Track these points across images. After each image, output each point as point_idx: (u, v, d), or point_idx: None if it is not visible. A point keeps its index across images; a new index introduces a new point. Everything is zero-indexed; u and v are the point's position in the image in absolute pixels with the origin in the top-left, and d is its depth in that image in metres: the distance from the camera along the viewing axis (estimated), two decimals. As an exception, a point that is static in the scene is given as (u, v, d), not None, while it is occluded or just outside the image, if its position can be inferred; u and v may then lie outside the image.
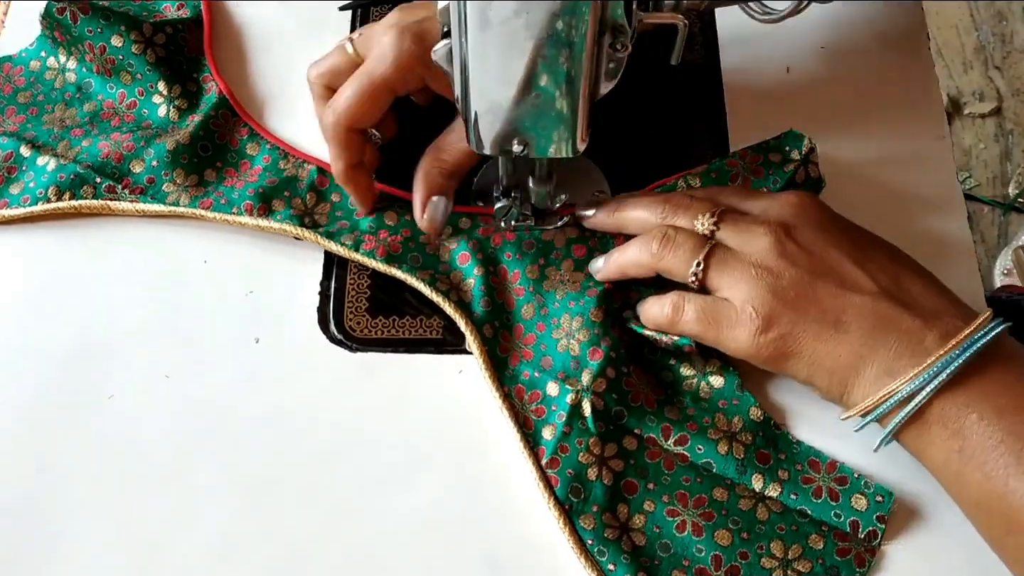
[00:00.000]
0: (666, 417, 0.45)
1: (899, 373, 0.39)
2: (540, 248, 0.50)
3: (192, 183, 0.52)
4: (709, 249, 0.43)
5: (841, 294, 0.41)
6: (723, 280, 0.43)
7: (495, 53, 0.39)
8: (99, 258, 0.52)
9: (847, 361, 0.41)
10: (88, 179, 0.51)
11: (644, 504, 0.44)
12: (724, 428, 0.45)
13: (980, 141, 1.41)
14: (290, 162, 0.53)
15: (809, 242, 0.43)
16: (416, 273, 0.48)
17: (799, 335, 0.41)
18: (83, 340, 0.49)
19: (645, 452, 0.45)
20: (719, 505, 0.44)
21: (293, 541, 0.44)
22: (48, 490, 0.45)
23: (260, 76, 0.58)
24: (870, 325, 0.40)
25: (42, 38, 0.57)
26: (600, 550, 0.42)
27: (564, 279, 0.49)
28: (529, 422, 0.46)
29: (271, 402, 0.47)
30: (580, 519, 0.43)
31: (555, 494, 0.43)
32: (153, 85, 0.55)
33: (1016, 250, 1.24)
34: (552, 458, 0.44)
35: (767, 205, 0.45)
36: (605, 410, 0.45)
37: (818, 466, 0.44)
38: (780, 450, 0.45)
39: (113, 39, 0.54)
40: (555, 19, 0.37)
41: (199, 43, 0.57)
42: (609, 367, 0.46)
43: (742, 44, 0.57)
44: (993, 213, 1.36)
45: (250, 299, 0.50)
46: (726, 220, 0.44)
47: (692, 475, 0.45)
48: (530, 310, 0.48)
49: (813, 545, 0.43)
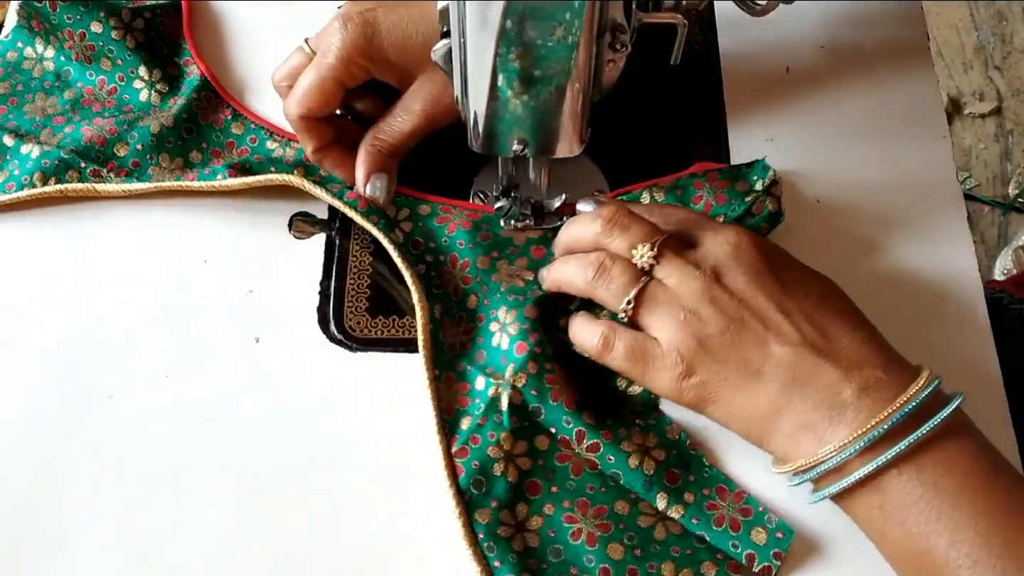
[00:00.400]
0: (583, 421, 0.45)
1: (816, 426, 0.40)
2: (496, 242, 0.50)
3: (178, 166, 0.52)
4: (641, 287, 0.43)
5: (763, 344, 0.41)
6: (652, 320, 0.43)
7: (495, 53, 0.39)
8: (100, 258, 0.52)
9: (764, 411, 0.41)
10: (73, 164, 0.52)
11: (544, 507, 0.44)
12: (639, 442, 0.45)
13: (980, 141, 1.41)
14: (276, 141, 0.54)
15: (740, 288, 0.42)
16: (391, 233, 0.49)
17: (719, 383, 0.41)
18: (83, 340, 0.49)
19: (556, 454, 0.45)
20: (618, 518, 0.43)
21: (292, 541, 0.44)
22: (48, 490, 0.45)
23: (240, 58, 0.58)
24: (790, 376, 0.40)
25: (18, 29, 0.57)
26: (490, 546, 0.42)
27: (513, 273, 0.49)
28: (451, 409, 0.46)
29: (271, 402, 0.47)
30: (476, 512, 0.43)
31: (457, 483, 0.44)
32: (134, 70, 0.55)
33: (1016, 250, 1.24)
34: (462, 447, 0.44)
35: (709, 240, 0.44)
36: (523, 405, 0.45)
37: (725, 494, 0.44)
38: (691, 472, 0.45)
39: (93, 25, 0.54)
40: (555, 19, 0.37)
41: (178, 27, 0.58)
42: (531, 362, 0.45)
43: (742, 43, 0.57)
44: (993, 213, 1.36)
45: (250, 299, 0.50)
46: (664, 255, 0.43)
47: (598, 484, 0.44)
48: (474, 300, 0.49)
49: (705, 572, 0.42)
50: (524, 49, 0.39)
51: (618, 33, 0.40)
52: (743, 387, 0.41)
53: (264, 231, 0.52)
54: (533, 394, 0.45)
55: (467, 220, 0.50)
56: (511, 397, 0.45)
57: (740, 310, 0.42)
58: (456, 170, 0.54)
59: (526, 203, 0.50)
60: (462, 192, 0.53)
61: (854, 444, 0.38)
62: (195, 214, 0.52)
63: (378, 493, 0.45)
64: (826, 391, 0.40)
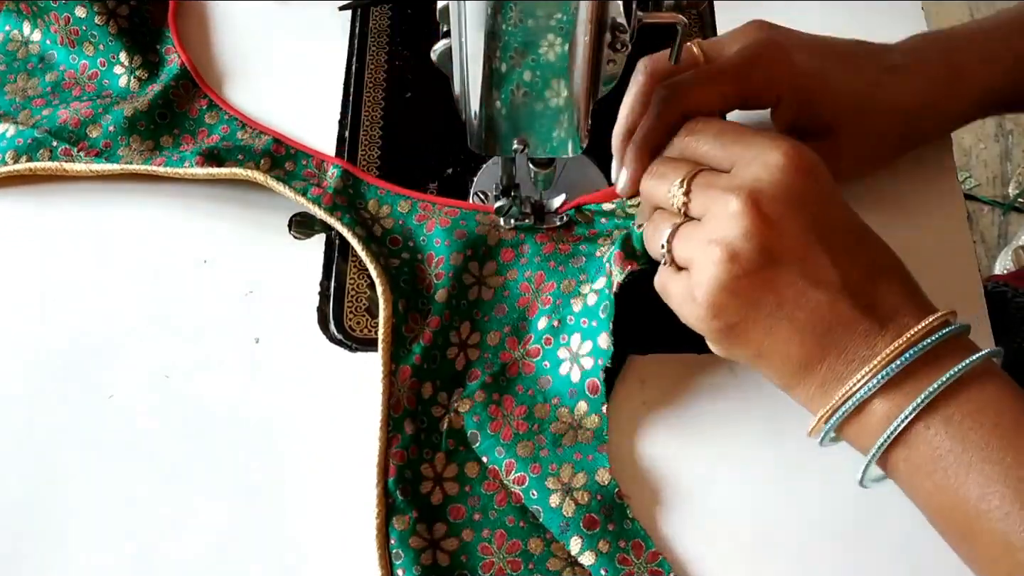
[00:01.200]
0: (516, 453, 0.44)
1: (847, 378, 0.38)
2: (470, 240, 0.50)
3: (148, 148, 0.53)
4: (675, 228, 0.41)
5: (802, 288, 0.38)
6: (684, 257, 0.40)
7: (494, 53, 0.39)
8: (100, 258, 0.52)
9: (796, 360, 0.39)
10: (45, 143, 0.52)
11: (463, 531, 0.44)
12: (565, 480, 0.44)
13: (980, 141, 1.41)
14: (247, 132, 0.54)
15: (781, 218, 0.38)
16: (355, 228, 0.49)
17: (748, 327, 0.39)
18: (83, 340, 0.49)
19: (483, 482, 0.45)
20: (529, 556, 0.43)
21: (292, 540, 0.44)
22: (48, 489, 0.45)
23: (222, 50, 0.58)
24: (826, 325, 0.38)
25: (6, 12, 0.58)
26: (398, 552, 0.42)
27: (483, 280, 0.49)
28: (399, 406, 0.46)
29: (271, 402, 0.47)
30: (395, 518, 0.43)
31: (385, 483, 0.44)
32: (115, 56, 0.56)
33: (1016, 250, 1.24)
34: (400, 451, 0.44)
35: (751, 161, 0.40)
36: (461, 430, 0.45)
37: (640, 551, 0.43)
38: (611, 520, 0.43)
39: (77, 10, 0.55)
40: (555, 19, 0.37)
41: (163, 15, 0.58)
42: (480, 390, 0.46)
43: (742, 44, 0.57)
44: (993, 213, 1.36)
45: (250, 299, 0.50)
46: (697, 184, 0.40)
47: (517, 518, 0.44)
48: (443, 295, 0.49)
49: None
50: (524, 49, 0.39)
51: (618, 33, 0.40)
52: (774, 331, 0.39)
53: (264, 231, 0.52)
54: (474, 420, 0.45)
55: (445, 218, 0.51)
56: (451, 421, 0.45)
57: (779, 244, 0.38)
58: (456, 170, 0.54)
59: (526, 203, 0.50)
60: (462, 192, 0.53)
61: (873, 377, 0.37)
62: (195, 214, 0.52)
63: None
64: (861, 342, 0.38)
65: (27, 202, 0.53)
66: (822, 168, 0.40)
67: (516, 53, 0.39)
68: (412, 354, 0.47)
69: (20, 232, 0.52)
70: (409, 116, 0.55)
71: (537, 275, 0.49)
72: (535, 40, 0.38)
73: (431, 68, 0.43)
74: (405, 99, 0.56)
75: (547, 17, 0.37)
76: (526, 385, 0.47)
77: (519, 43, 0.38)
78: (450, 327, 0.48)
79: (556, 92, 0.41)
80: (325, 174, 0.52)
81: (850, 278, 0.38)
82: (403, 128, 0.55)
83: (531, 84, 0.40)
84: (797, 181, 0.39)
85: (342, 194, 0.51)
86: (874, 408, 0.38)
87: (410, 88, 0.56)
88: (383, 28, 0.59)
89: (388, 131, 0.55)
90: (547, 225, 0.51)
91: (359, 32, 0.58)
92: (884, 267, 0.40)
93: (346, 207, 0.50)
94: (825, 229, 0.39)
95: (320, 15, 0.59)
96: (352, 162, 0.53)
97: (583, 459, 0.45)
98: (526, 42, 0.38)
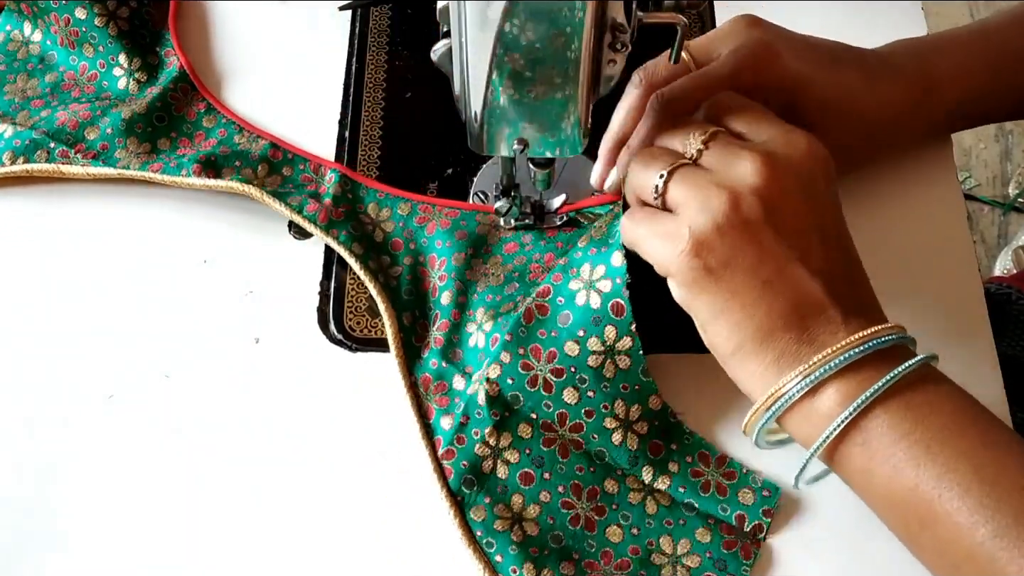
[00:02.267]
0: (564, 402, 0.45)
1: (804, 358, 0.38)
2: (472, 240, 0.50)
3: (144, 151, 0.53)
4: (677, 165, 0.40)
5: (787, 258, 0.38)
6: (679, 194, 0.39)
7: (495, 53, 0.39)
8: (100, 258, 0.52)
9: (757, 326, 0.38)
10: (43, 144, 0.52)
11: (540, 495, 0.44)
12: (621, 416, 0.45)
13: (980, 141, 1.41)
14: (244, 136, 0.54)
15: (791, 189, 0.39)
16: (352, 245, 0.49)
17: (723, 276, 0.38)
18: (83, 339, 0.49)
19: (540, 439, 0.45)
20: (610, 499, 0.44)
21: (292, 540, 0.44)
22: (48, 489, 0.45)
23: (222, 53, 0.58)
24: (796, 301, 0.38)
25: (7, 12, 0.58)
26: (488, 541, 0.43)
27: (488, 272, 0.49)
28: (430, 411, 0.46)
29: (271, 402, 0.47)
30: (471, 511, 0.43)
31: (448, 485, 0.44)
32: (114, 57, 0.56)
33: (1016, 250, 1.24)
34: (448, 449, 0.45)
35: (775, 136, 0.40)
36: (500, 396, 0.45)
37: (708, 460, 0.45)
38: (672, 440, 0.45)
39: (77, 11, 0.55)
40: (555, 19, 0.37)
41: (164, 17, 0.58)
42: (504, 351, 0.45)
43: (742, 44, 0.57)
44: (993, 213, 1.36)
45: (250, 299, 0.50)
46: (716, 141, 0.40)
47: (585, 464, 0.45)
48: (448, 296, 0.49)
49: (700, 539, 0.43)
50: (524, 49, 0.39)
51: (618, 33, 0.40)
52: (744, 291, 0.38)
53: (264, 231, 0.52)
54: (509, 382, 0.45)
55: (445, 219, 0.51)
56: (488, 391, 0.45)
57: (779, 211, 0.38)
58: (456, 170, 0.54)
59: (526, 203, 0.50)
60: (462, 192, 0.53)
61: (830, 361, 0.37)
62: (195, 214, 0.52)
63: (378, 493, 0.45)
64: (825, 327, 0.38)
65: (27, 202, 0.53)
66: (833, 168, 0.41)
67: (516, 53, 0.39)
68: (427, 362, 0.47)
69: (20, 231, 0.52)
70: (409, 116, 0.55)
71: (547, 256, 0.49)
72: (535, 40, 0.38)
73: (431, 68, 0.43)
74: (405, 99, 0.56)
75: (547, 17, 0.37)
76: (548, 327, 0.45)
77: (519, 43, 0.38)
78: (464, 320, 0.48)
79: (556, 92, 0.41)
80: (323, 179, 0.52)
81: (832, 265, 0.39)
82: (403, 128, 0.55)
83: (531, 84, 0.40)
84: (815, 168, 0.40)
85: (341, 201, 0.51)
86: (827, 393, 0.38)
87: (410, 88, 0.56)
88: (383, 28, 0.59)
89: (388, 131, 0.55)
90: (547, 225, 0.51)
91: (359, 32, 0.58)
92: (857, 273, 0.41)
93: (342, 222, 0.50)
94: (823, 218, 0.40)
95: (320, 15, 0.59)
96: (352, 162, 0.53)
97: (631, 390, 0.45)
98: (526, 42, 0.38)
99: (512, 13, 0.37)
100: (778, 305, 0.38)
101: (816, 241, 0.39)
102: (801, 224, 0.39)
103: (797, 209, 0.39)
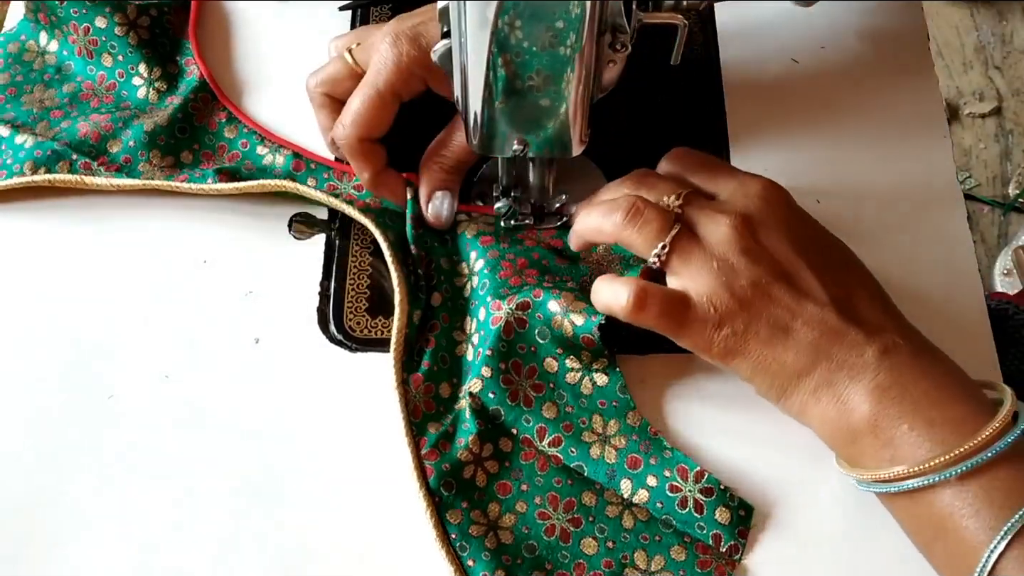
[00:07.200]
0: (543, 417, 0.45)
1: (837, 384, 0.40)
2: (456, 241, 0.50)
3: (168, 164, 0.53)
4: (676, 233, 0.42)
5: (795, 301, 0.41)
6: (684, 269, 0.42)
7: (494, 53, 0.39)
8: (100, 258, 0.52)
9: (791, 369, 0.41)
10: (65, 156, 0.52)
11: (516, 505, 0.44)
12: (599, 431, 0.45)
13: (980, 141, 1.41)
14: (267, 146, 0.54)
15: (772, 241, 0.42)
16: (387, 231, 0.49)
17: (750, 337, 0.41)
18: (83, 340, 0.49)
19: (520, 453, 0.45)
20: (587, 510, 0.44)
21: (292, 540, 0.44)
22: (48, 489, 0.45)
23: (243, 61, 0.58)
24: (817, 335, 0.41)
25: (24, 21, 0.57)
26: (462, 545, 0.43)
27: (473, 270, 0.49)
28: (418, 411, 0.46)
29: (271, 402, 0.47)
30: (448, 513, 0.43)
31: (427, 484, 0.44)
32: (134, 67, 0.55)
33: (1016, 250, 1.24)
34: (432, 449, 0.45)
35: (734, 190, 0.44)
36: (483, 408, 0.46)
37: (686, 474, 0.44)
38: (652, 454, 0.45)
39: (97, 20, 0.55)
40: (555, 19, 0.37)
41: (184, 25, 0.58)
42: (485, 366, 0.46)
43: (742, 44, 0.57)
44: (993, 213, 1.36)
45: (250, 299, 0.50)
46: (691, 203, 0.43)
47: (564, 477, 0.45)
48: (439, 298, 0.49)
49: (675, 557, 0.43)
50: (524, 49, 0.39)
51: (618, 33, 0.40)
52: (772, 342, 0.41)
53: (264, 231, 0.52)
54: (491, 396, 0.45)
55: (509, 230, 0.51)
56: (471, 403, 0.45)
57: (772, 263, 0.42)
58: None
59: (526, 203, 0.50)
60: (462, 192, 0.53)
61: (950, 468, 0.38)
62: (195, 214, 0.52)
63: (378, 493, 0.45)
64: (850, 351, 0.40)
65: (27, 204, 0.53)
66: (791, 197, 0.45)
67: (516, 53, 0.39)
68: (421, 362, 0.47)
69: (20, 232, 0.52)
70: (409, 116, 0.55)
71: (520, 260, 0.49)
72: (535, 40, 0.38)
73: (431, 68, 0.43)
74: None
75: (547, 17, 0.37)
76: (527, 342, 0.46)
77: (519, 43, 0.38)
78: (452, 327, 0.48)
79: (556, 92, 0.41)
80: (349, 185, 0.52)
81: (833, 292, 0.42)
82: (403, 128, 0.55)
83: (531, 84, 0.40)
84: (777, 207, 0.43)
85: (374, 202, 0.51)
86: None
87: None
88: (383, 28, 0.59)
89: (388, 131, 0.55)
90: (547, 225, 0.51)
91: (359, 32, 0.58)
92: (859, 281, 0.43)
93: (379, 211, 0.50)
94: (806, 248, 0.43)
95: (321, 15, 0.59)
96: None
97: (608, 406, 0.46)
98: (526, 42, 0.38)
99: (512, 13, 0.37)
100: (803, 345, 0.41)
101: (814, 272, 0.42)
102: (794, 265, 0.42)
103: (785, 253, 0.42)
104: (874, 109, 0.55)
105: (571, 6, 0.37)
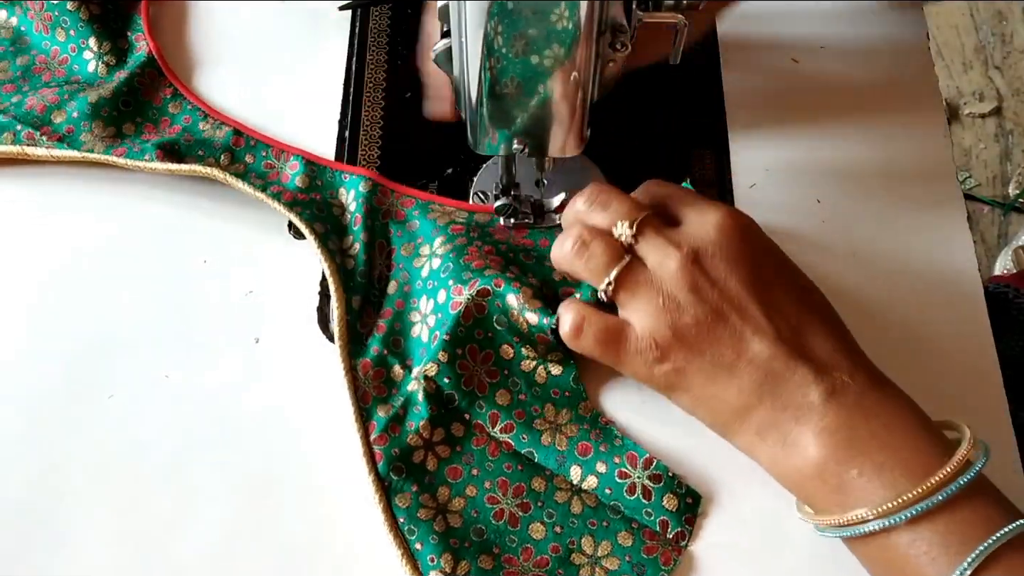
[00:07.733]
0: (496, 403, 0.46)
1: (782, 425, 0.40)
2: (421, 228, 0.50)
3: (109, 134, 0.53)
4: (624, 266, 0.42)
5: (739, 338, 0.41)
6: (631, 302, 0.42)
7: (494, 53, 0.39)
8: (100, 257, 0.51)
9: (734, 406, 0.41)
10: (9, 127, 0.52)
11: (466, 489, 0.45)
12: (551, 419, 0.46)
13: (980, 141, 1.41)
14: (209, 123, 0.54)
15: (720, 276, 0.41)
16: (313, 224, 0.49)
17: (692, 373, 0.41)
18: (83, 339, 0.49)
19: (472, 439, 0.46)
20: (536, 496, 0.45)
21: (292, 540, 0.44)
22: (48, 489, 0.45)
23: (194, 38, 0.58)
24: (762, 374, 0.40)
25: None
26: (410, 529, 0.43)
27: (434, 253, 0.49)
28: (367, 396, 0.46)
29: (271, 402, 0.47)
30: (396, 497, 0.44)
31: (376, 470, 0.44)
32: (85, 41, 0.56)
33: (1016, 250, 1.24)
34: (381, 435, 0.45)
35: (694, 219, 0.43)
36: (437, 393, 0.46)
37: (635, 460, 0.45)
38: (602, 442, 0.45)
39: None
40: (554, 19, 0.37)
41: (137, 2, 0.58)
42: (442, 351, 0.46)
43: (742, 43, 0.57)
44: (993, 213, 1.36)
45: (250, 299, 0.50)
46: (645, 233, 0.42)
47: (514, 463, 0.45)
48: (394, 286, 0.49)
49: (622, 542, 0.43)
50: (524, 49, 0.39)
51: (618, 33, 0.40)
52: (715, 379, 0.41)
53: (264, 231, 0.52)
54: (446, 381, 0.46)
55: (401, 210, 0.51)
56: (426, 387, 0.46)
57: (719, 300, 0.41)
58: (456, 170, 0.54)
59: (526, 203, 0.50)
60: (462, 192, 0.53)
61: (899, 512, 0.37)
62: (195, 213, 0.52)
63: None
64: (796, 391, 0.40)
65: (27, 202, 0.53)
66: (755, 227, 0.43)
67: (516, 53, 0.39)
68: (369, 348, 0.47)
69: (20, 231, 0.52)
70: (409, 116, 0.55)
71: (486, 248, 0.49)
72: (535, 40, 0.38)
73: (431, 68, 0.43)
74: (405, 99, 0.56)
75: (547, 17, 0.37)
76: (484, 328, 0.46)
77: (519, 43, 0.38)
78: (407, 309, 0.49)
79: (556, 92, 0.41)
80: (285, 164, 0.52)
81: (783, 329, 0.41)
82: (403, 128, 0.55)
83: (531, 84, 0.40)
84: (732, 240, 0.42)
85: (311, 190, 0.51)
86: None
87: (410, 88, 0.56)
88: (383, 28, 0.59)
89: (388, 131, 0.55)
90: (547, 224, 0.51)
91: (359, 32, 0.58)
92: (814, 316, 0.42)
93: (307, 203, 0.50)
94: (758, 284, 0.42)
95: (320, 15, 0.59)
96: (352, 162, 0.53)
97: (561, 395, 0.46)
98: (526, 42, 0.38)
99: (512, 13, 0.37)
100: (746, 383, 0.41)
101: (763, 309, 0.41)
102: (742, 301, 0.41)
103: (734, 289, 0.41)
104: (874, 109, 0.55)
105: (571, 6, 0.37)
